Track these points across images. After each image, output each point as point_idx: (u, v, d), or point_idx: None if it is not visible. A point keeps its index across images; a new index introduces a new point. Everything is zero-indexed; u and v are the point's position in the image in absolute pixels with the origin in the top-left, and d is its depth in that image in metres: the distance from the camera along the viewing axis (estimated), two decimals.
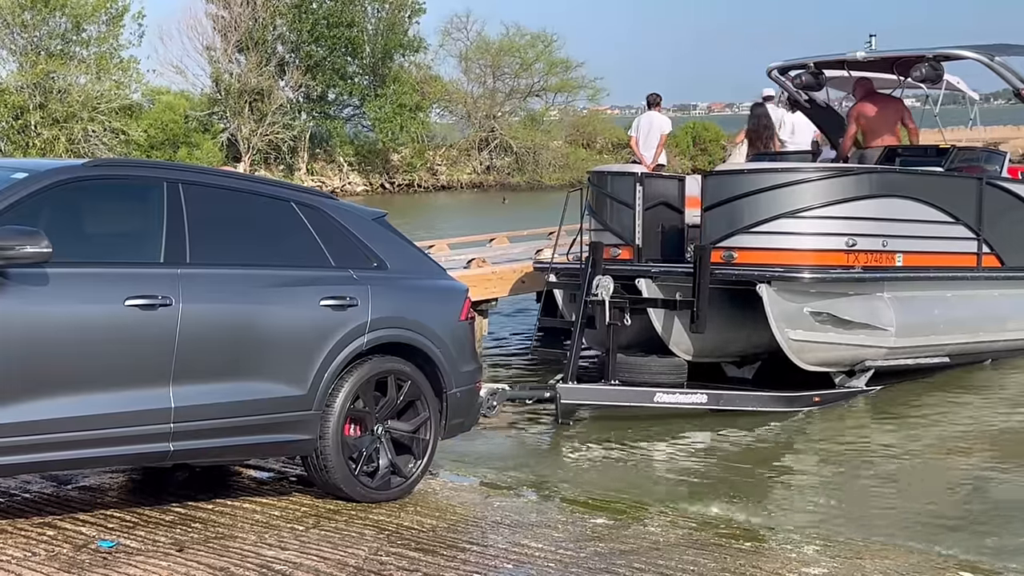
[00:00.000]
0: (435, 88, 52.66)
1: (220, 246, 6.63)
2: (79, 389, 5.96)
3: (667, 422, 11.01)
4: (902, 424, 11.11)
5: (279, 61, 48.83)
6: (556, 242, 13.32)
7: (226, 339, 6.45)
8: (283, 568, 5.74)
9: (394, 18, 51.04)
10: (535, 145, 52.06)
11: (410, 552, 6.12)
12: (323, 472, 6.89)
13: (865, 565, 6.60)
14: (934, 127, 14.59)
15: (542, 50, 54.03)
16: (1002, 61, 13.94)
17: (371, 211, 7.66)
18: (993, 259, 13.21)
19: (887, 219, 12.13)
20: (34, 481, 7.23)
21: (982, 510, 8.35)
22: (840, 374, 12.25)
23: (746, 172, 12.16)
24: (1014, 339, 13.56)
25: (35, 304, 5.88)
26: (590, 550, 6.44)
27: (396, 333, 7.09)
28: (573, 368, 11.51)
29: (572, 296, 12.57)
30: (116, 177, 6.60)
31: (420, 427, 7.23)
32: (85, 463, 6.19)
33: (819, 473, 9.52)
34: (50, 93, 42.22)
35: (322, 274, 6.96)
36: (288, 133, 47.68)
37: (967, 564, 6.93)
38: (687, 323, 11.66)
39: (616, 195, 12.74)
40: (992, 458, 9.89)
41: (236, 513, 6.74)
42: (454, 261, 15.05)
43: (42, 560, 5.69)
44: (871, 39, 14.89)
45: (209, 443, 6.40)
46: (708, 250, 11.59)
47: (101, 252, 6.36)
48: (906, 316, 12.26)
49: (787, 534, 7.60)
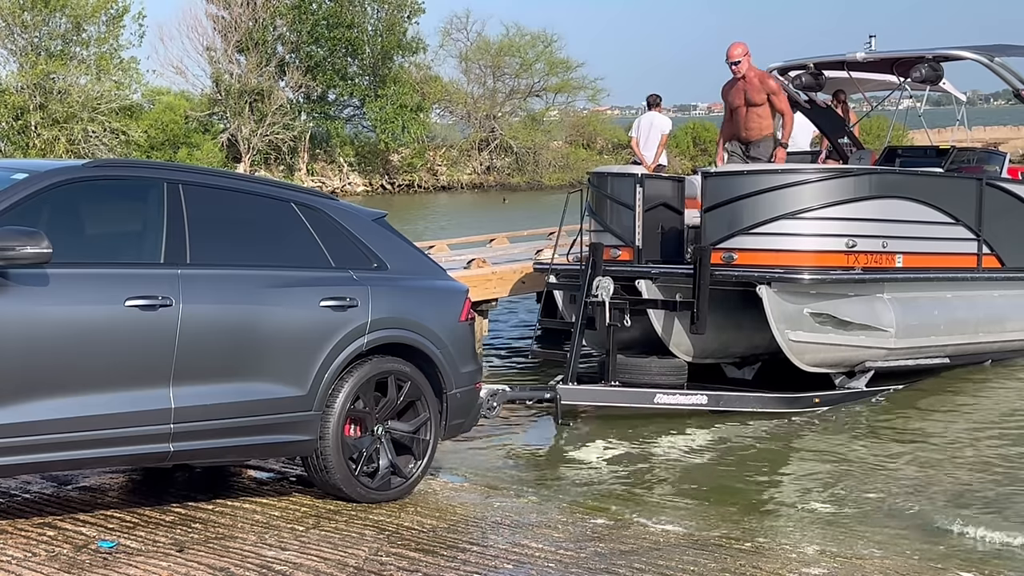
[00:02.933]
0: (435, 88, 52.66)
1: (220, 246, 6.64)
2: (79, 389, 5.96)
3: (667, 423, 11.01)
4: (902, 424, 11.11)
5: (279, 62, 48.83)
6: (556, 243, 13.32)
7: (226, 339, 6.45)
8: (283, 568, 5.74)
9: (393, 19, 51.05)
10: (535, 145, 52.07)
11: (410, 552, 6.12)
12: (323, 472, 6.89)
13: (865, 565, 6.60)
14: (936, 127, 14.63)
15: (542, 50, 54.05)
16: (1002, 61, 13.95)
17: (371, 212, 7.66)
18: (993, 260, 13.21)
19: (887, 220, 12.13)
20: (34, 481, 7.23)
21: (982, 510, 8.35)
22: (840, 375, 12.26)
23: (746, 173, 12.17)
24: (1014, 340, 13.57)
25: (35, 304, 5.88)
26: (590, 550, 6.44)
27: (396, 334, 7.09)
28: (573, 369, 11.51)
29: (572, 297, 12.58)
30: (116, 178, 6.60)
31: (420, 427, 7.23)
32: (85, 463, 6.19)
33: (819, 474, 9.51)
34: (50, 94, 42.22)
35: (322, 275, 6.97)
36: (288, 133, 47.68)
37: (967, 564, 6.94)
38: (687, 324, 11.67)
39: (616, 196, 12.74)
40: (992, 458, 9.89)
41: (236, 513, 6.75)
42: (454, 261, 15.05)
43: (42, 560, 5.69)
44: (871, 40, 14.91)
45: (209, 443, 6.41)
46: (708, 251, 11.59)
47: (101, 253, 6.36)
48: (906, 317, 12.26)
49: (787, 534, 7.62)
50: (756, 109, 12.65)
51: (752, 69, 12.68)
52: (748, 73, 12.60)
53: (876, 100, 17.87)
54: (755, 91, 12.60)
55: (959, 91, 15.56)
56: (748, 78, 12.60)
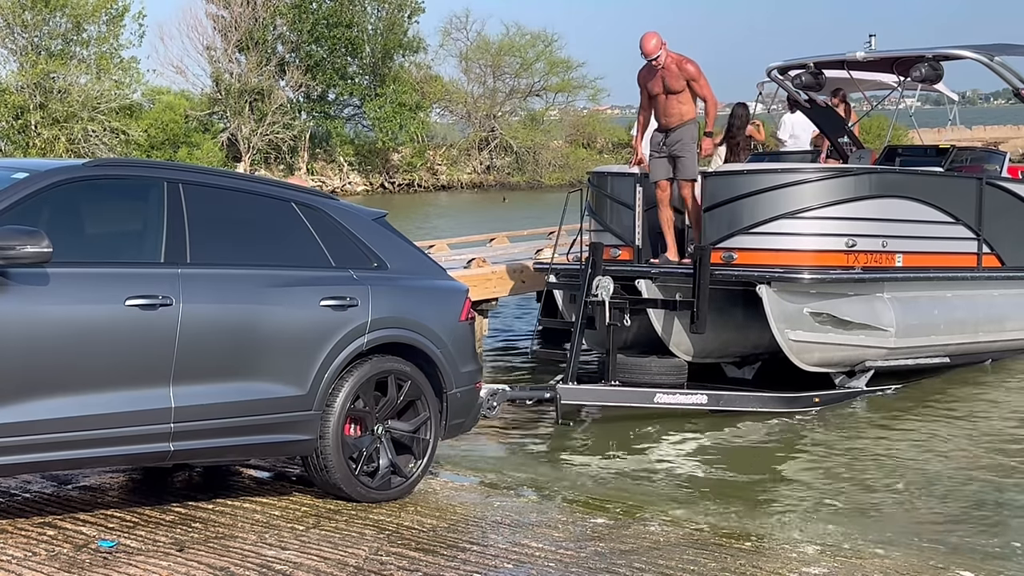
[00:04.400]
0: (435, 88, 52.66)
1: (220, 246, 6.64)
2: (79, 389, 5.96)
3: (667, 423, 11.01)
4: (902, 424, 11.11)
5: (279, 61, 48.83)
6: (556, 242, 13.32)
7: (226, 339, 6.45)
8: (283, 568, 5.74)
9: (393, 18, 51.05)
10: (535, 145, 52.06)
11: (410, 552, 6.12)
12: (323, 472, 6.89)
13: (865, 565, 6.60)
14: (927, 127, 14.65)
15: (542, 50, 54.04)
16: (1002, 61, 13.95)
17: (371, 211, 7.67)
18: (993, 259, 13.21)
19: (887, 219, 12.13)
20: (35, 481, 7.23)
21: (982, 510, 8.35)
22: (840, 375, 12.26)
23: (746, 173, 12.16)
24: (1014, 339, 13.57)
25: (36, 304, 5.88)
26: (590, 550, 6.44)
27: (396, 333, 7.10)
28: (573, 369, 11.51)
29: (572, 296, 12.57)
30: (116, 177, 6.61)
31: (420, 427, 7.23)
32: (85, 463, 6.19)
33: (819, 473, 9.52)
34: (50, 93, 42.21)
35: (322, 274, 6.97)
36: (288, 133, 47.67)
37: (967, 564, 6.94)
38: (687, 324, 11.67)
39: (616, 196, 12.74)
40: (992, 458, 9.89)
41: (236, 513, 6.75)
42: (454, 261, 15.05)
43: (42, 560, 5.69)
44: (871, 39, 14.91)
45: (209, 443, 6.41)
46: (708, 251, 11.59)
47: (101, 252, 6.37)
48: (906, 316, 12.27)
49: (787, 534, 7.62)
50: (676, 96, 11.99)
51: (670, 55, 11.94)
52: (666, 60, 11.94)
53: (876, 100, 17.88)
54: (673, 77, 11.95)
55: (951, 91, 15.56)
56: (666, 64, 11.93)
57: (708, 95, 12.02)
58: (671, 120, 12.02)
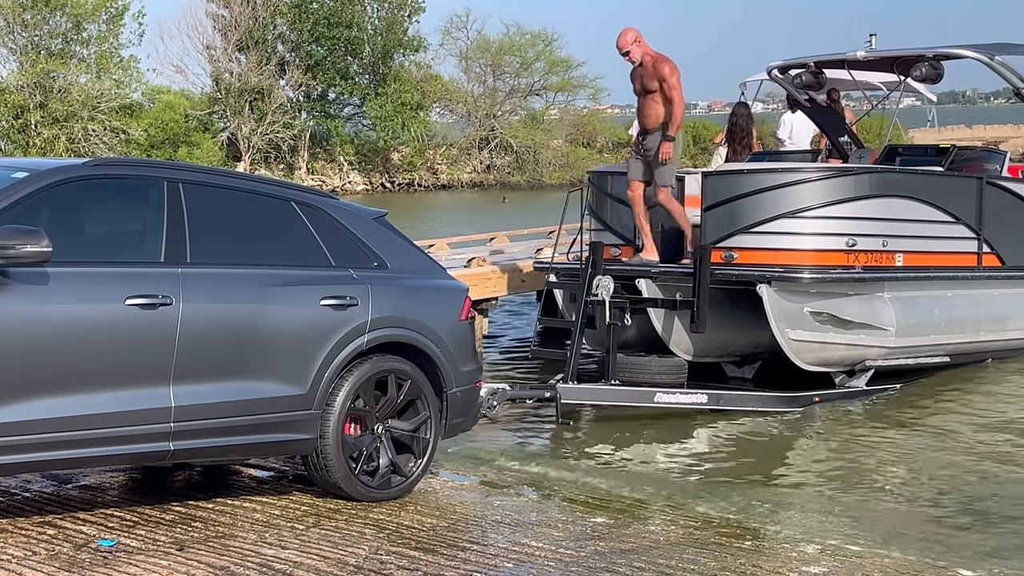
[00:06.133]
0: (435, 87, 52.68)
1: (220, 245, 6.64)
2: (79, 388, 5.97)
3: (667, 422, 11.01)
4: (902, 424, 11.10)
5: (279, 60, 48.83)
6: (556, 242, 13.32)
7: (226, 338, 6.46)
8: (283, 567, 5.74)
9: (393, 17, 51.06)
10: (535, 144, 52.06)
11: (410, 551, 6.12)
12: (323, 471, 6.90)
13: (865, 565, 6.60)
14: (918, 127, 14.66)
15: (542, 49, 54.06)
16: (1002, 60, 13.95)
17: (371, 210, 7.67)
18: (993, 259, 13.20)
19: (887, 219, 12.13)
20: (34, 480, 7.23)
21: (982, 510, 8.34)
22: (840, 374, 12.26)
23: (746, 172, 12.16)
24: (1014, 339, 13.56)
25: (35, 303, 5.89)
26: (590, 549, 6.44)
27: (396, 332, 7.10)
28: (573, 368, 11.51)
29: (572, 296, 12.56)
30: (116, 176, 6.61)
31: (420, 426, 7.24)
32: (85, 462, 6.20)
33: (819, 473, 9.51)
34: (50, 92, 42.22)
35: (322, 274, 6.97)
36: (288, 132, 47.68)
37: (967, 564, 6.94)
38: (687, 323, 11.66)
39: (616, 195, 12.74)
40: (993, 458, 9.89)
41: (236, 512, 6.75)
42: (454, 260, 15.05)
43: (42, 559, 5.69)
44: (871, 38, 14.92)
45: (209, 442, 6.41)
46: (708, 250, 11.59)
47: (101, 251, 6.37)
48: (906, 316, 12.26)
49: (787, 533, 7.61)
50: (651, 95, 11.79)
51: (648, 54, 11.69)
52: (644, 58, 11.72)
53: (876, 99, 17.88)
54: (649, 77, 11.67)
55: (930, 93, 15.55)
56: (644, 63, 11.73)
57: (675, 97, 11.69)
58: (648, 121, 11.93)
